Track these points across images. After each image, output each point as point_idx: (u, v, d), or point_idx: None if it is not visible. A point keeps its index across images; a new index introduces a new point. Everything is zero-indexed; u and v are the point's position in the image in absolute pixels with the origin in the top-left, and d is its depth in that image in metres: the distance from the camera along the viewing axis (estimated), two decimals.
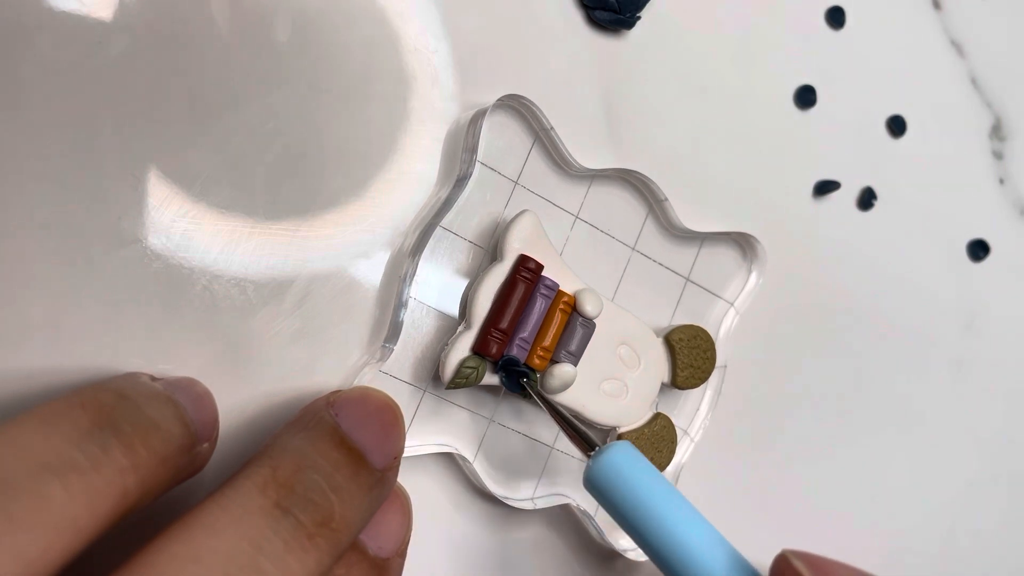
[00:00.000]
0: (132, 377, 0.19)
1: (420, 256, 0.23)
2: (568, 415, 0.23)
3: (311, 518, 0.17)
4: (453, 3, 0.25)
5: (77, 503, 0.15)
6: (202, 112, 0.22)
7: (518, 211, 0.24)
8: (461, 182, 0.23)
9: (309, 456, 0.18)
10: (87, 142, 0.20)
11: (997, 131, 0.34)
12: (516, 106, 0.24)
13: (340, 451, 0.18)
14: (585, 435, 0.22)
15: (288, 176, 0.22)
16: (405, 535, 0.20)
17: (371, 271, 0.23)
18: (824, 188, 0.30)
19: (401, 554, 0.20)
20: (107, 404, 0.17)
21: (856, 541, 0.32)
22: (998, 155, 0.34)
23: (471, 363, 0.23)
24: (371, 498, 0.19)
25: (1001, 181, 0.34)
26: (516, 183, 0.25)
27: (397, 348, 0.23)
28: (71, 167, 0.20)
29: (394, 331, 0.23)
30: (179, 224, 0.21)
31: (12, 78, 0.20)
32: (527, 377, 0.23)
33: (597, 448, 0.21)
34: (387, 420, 0.20)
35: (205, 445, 0.19)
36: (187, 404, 0.18)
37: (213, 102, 0.22)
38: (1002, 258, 0.34)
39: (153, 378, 0.19)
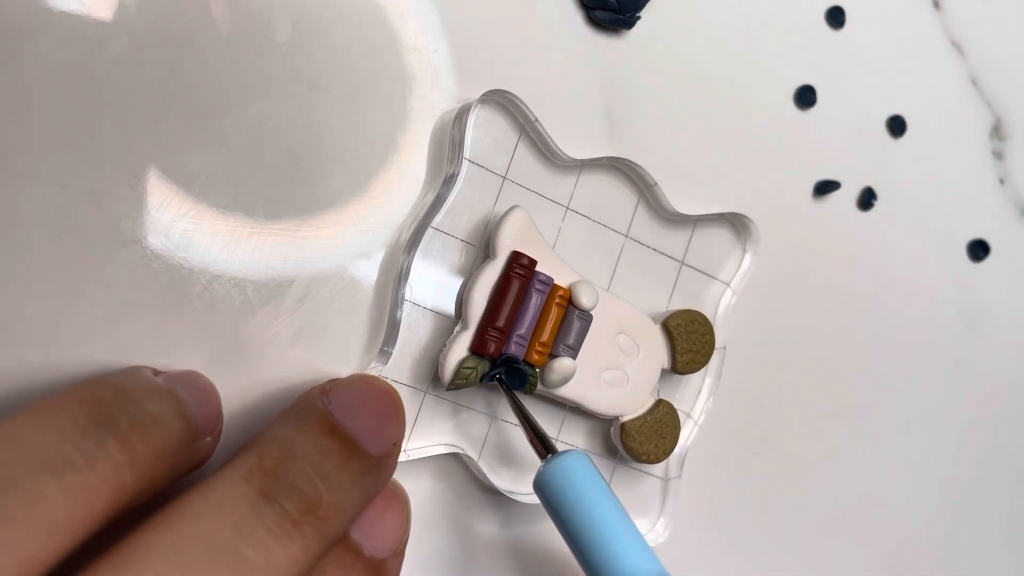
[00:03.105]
0: (133, 371, 0.19)
1: (413, 257, 0.23)
2: (532, 417, 0.23)
3: (296, 506, 0.17)
4: (453, 3, 0.25)
5: (73, 501, 0.15)
6: (202, 112, 0.22)
7: (508, 207, 0.24)
8: (449, 180, 0.23)
9: (296, 444, 0.18)
10: (87, 142, 0.20)
11: (997, 131, 0.34)
12: (500, 101, 0.24)
13: (330, 438, 0.18)
14: (545, 439, 0.22)
15: (288, 176, 0.23)
16: (403, 535, 0.20)
17: (371, 271, 0.23)
18: (824, 188, 0.30)
19: (398, 555, 0.20)
20: (105, 399, 0.17)
21: (856, 530, 0.32)
22: (998, 155, 0.34)
23: (470, 363, 0.23)
24: (364, 485, 0.18)
25: (1001, 181, 0.34)
26: (505, 178, 0.25)
27: (396, 351, 0.23)
28: (71, 167, 0.20)
29: (391, 333, 0.23)
30: (179, 224, 0.21)
31: (12, 78, 0.20)
32: (499, 375, 0.23)
33: (552, 454, 0.22)
34: (383, 406, 0.20)
35: (208, 439, 0.19)
36: (188, 398, 0.18)
37: (213, 102, 0.22)
38: (1002, 258, 0.34)
39: (156, 372, 0.19)
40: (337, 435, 0.18)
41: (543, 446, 0.22)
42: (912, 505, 0.33)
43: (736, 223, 0.28)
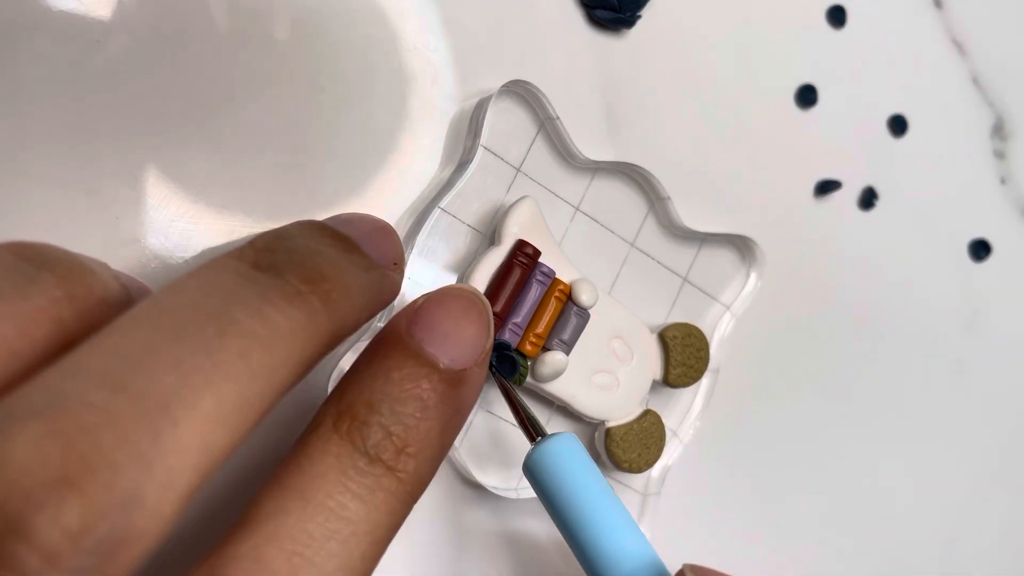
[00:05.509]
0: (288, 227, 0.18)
1: (417, 237, 0.23)
2: (522, 399, 0.23)
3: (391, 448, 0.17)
4: (453, 2, 0.24)
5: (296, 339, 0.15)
6: (201, 112, 0.21)
7: (519, 197, 0.24)
8: (463, 165, 0.23)
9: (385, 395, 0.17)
10: (86, 142, 0.20)
11: (999, 130, 0.34)
12: (522, 93, 0.24)
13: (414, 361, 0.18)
14: (534, 421, 0.22)
15: (288, 176, 0.22)
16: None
17: None
18: (825, 188, 0.30)
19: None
20: (267, 246, 0.16)
21: (854, 545, 0.32)
22: (1000, 154, 0.34)
23: None
24: (454, 401, 0.18)
25: (1003, 180, 0.34)
26: (518, 170, 0.25)
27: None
28: (70, 167, 0.20)
29: (387, 310, 0.23)
30: (178, 224, 0.21)
31: (11, 78, 0.20)
32: (491, 362, 0.23)
33: (542, 436, 0.22)
34: (465, 318, 0.19)
35: (398, 274, 0.19)
36: (358, 238, 0.18)
37: (213, 102, 0.22)
38: (1003, 258, 0.34)
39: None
40: (418, 360, 0.18)
41: (533, 429, 0.22)
42: (912, 512, 0.33)
43: (742, 246, 0.28)
